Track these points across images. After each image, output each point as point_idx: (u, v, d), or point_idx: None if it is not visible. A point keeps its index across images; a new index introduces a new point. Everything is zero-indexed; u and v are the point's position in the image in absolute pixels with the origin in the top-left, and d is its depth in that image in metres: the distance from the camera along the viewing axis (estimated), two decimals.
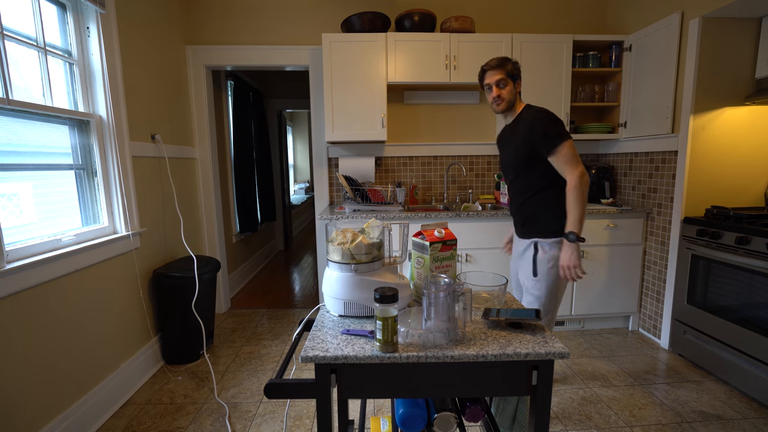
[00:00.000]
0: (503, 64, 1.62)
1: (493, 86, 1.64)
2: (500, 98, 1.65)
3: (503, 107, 1.66)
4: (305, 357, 0.79)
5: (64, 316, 1.66)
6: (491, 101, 1.68)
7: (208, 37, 2.89)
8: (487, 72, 1.65)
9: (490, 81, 1.65)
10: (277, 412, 1.90)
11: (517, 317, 0.87)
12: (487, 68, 1.66)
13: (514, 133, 1.66)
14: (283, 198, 5.37)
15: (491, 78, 1.64)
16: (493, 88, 1.65)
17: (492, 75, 1.64)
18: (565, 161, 1.54)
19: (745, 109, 2.24)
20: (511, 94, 1.64)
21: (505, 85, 1.63)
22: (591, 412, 1.87)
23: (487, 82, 1.67)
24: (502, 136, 1.79)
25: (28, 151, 1.63)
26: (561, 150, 1.53)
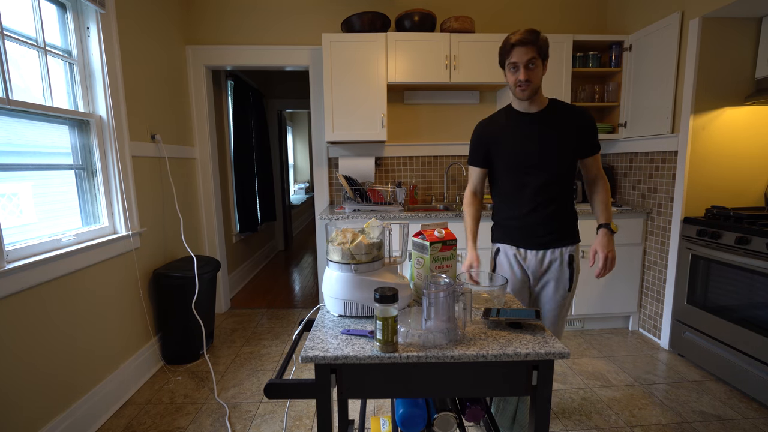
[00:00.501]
0: (536, 38, 1.31)
1: (522, 66, 1.33)
2: (528, 82, 1.35)
3: (530, 93, 1.37)
4: (305, 357, 0.79)
5: (64, 316, 1.66)
6: (515, 84, 1.38)
7: (208, 37, 2.89)
8: (516, 48, 1.32)
9: (518, 59, 1.33)
10: (277, 412, 1.90)
11: (518, 317, 0.87)
12: (516, 43, 1.32)
13: (556, 123, 1.42)
14: (283, 198, 5.37)
15: (521, 56, 1.32)
16: (521, 68, 1.33)
17: (523, 52, 1.31)
18: (600, 164, 1.50)
19: (745, 109, 2.24)
20: (539, 78, 1.37)
21: (535, 66, 1.34)
22: (591, 412, 1.87)
23: (513, 60, 1.34)
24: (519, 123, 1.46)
25: (28, 151, 1.63)
26: (599, 153, 1.49)
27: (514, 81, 1.37)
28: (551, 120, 1.42)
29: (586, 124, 1.42)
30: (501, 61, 1.41)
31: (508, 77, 1.41)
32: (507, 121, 1.49)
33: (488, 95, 3.03)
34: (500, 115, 1.53)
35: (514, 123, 1.47)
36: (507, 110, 1.51)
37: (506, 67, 1.39)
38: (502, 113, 1.52)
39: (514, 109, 1.48)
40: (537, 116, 1.44)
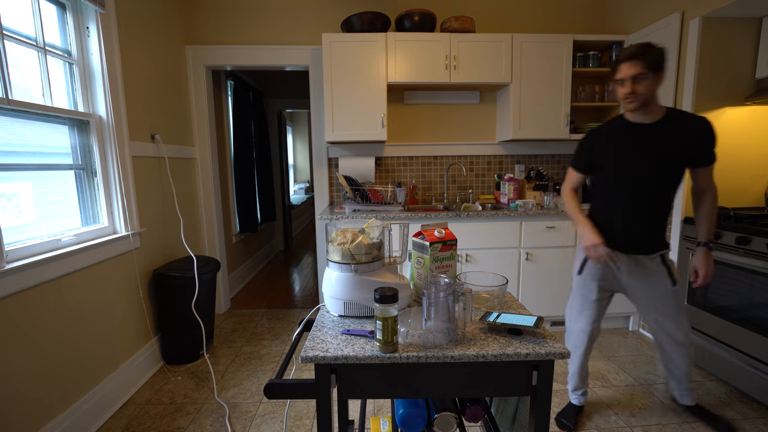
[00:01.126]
0: (642, 54, 1.36)
1: (627, 81, 1.40)
2: (634, 95, 1.41)
3: (636, 106, 1.43)
4: (305, 357, 0.79)
5: (64, 316, 1.66)
6: (622, 98, 1.46)
7: (207, 37, 2.89)
8: (622, 65, 1.40)
9: (624, 75, 1.41)
10: (277, 412, 1.90)
11: (518, 324, 0.86)
12: (622, 59, 1.40)
13: (671, 134, 1.45)
14: (283, 198, 5.37)
15: (626, 71, 1.39)
16: (627, 83, 1.40)
17: (628, 68, 1.39)
18: (713, 176, 1.50)
19: (745, 109, 2.24)
20: (649, 91, 1.40)
21: (643, 80, 1.38)
22: (591, 412, 1.87)
23: (620, 77, 1.43)
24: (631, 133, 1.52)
25: (28, 151, 1.63)
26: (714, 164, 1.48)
27: (621, 95, 1.44)
28: (665, 129, 1.46)
29: (702, 135, 1.44)
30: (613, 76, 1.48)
31: (617, 94, 1.48)
32: (620, 130, 1.55)
33: (488, 95, 3.03)
34: (613, 123, 1.60)
35: (627, 132, 1.52)
36: (622, 119, 1.57)
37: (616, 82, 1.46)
38: (616, 122, 1.59)
39: (628, 119, 1.54)
40: (653, 127, 1.48)
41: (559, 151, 3.11)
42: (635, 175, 1.50)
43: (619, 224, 1.58)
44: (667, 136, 1.45)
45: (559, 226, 2.56)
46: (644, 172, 1.49)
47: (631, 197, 1.54)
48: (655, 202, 1.52)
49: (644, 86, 1.39)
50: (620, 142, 1.53)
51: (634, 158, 1.50)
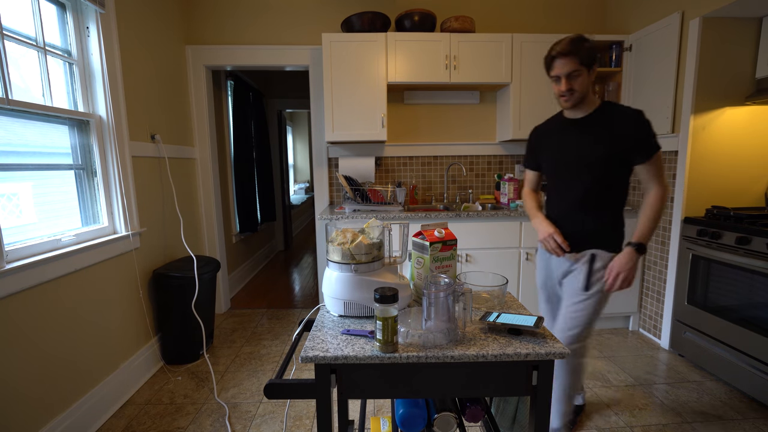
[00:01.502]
0: (576, 49, 1.32)
1: (563, 78, 1.36)
2: (571, 92, 1.37)
3: (573, 102, 1.40)
4: (305, 357, 0.79)
5: (64, 316, 1.66)
6: (559, 95, 1.41)
7: (208, 37, 2.89)
8: (556, 60, 1.35)
9: (559, 72, 1.36)
10: (277, 413, 1.90)
11: (517, 324, 0.86)
12: (556, 55, 1.35)
13: (595, 129, 1.41)
14: (283, 198, 5.37)
15: (561, 68, 1.35)
16: (563, 80, 1.36)
17: (562, 65, 1.34)
18: (658, 170, 1.39)
19: (745, 109, 2.24)
20: (584, 86, 1.37)
21: (578, 76, 1.35)
22: (591, 412, 1.87)
23: (554, 74, 1.38)
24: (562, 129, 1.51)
25: (28, 151, 1.63)
26: (658, 157, 1.37)
27: (558, 92, 1.41)
28: (595, 123, 1.42)
29: (631, 128, 1.36)
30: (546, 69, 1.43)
31: (553, 87, 1.44)
32: (554, 126, 1.55)
33: (488, 95, 3.03)
34: (552, 120, 1.59)
35: (558, 129, 1.52)
36: (559, 115, 1.57)
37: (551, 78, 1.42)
38: (554, 118, 1.59)
39: (562, 115, 1.53)
40: (584, 120, 1.45)
41: None
42: (568, 172, 1.48)
43: (560, 221, 1.55)
44: (598, 130, 1.41)
45: None
46: (576, 167, 1.45)
47: (566, 194, 1.51)
48: (590, 199, 1.45)
49: (579, 83, 1.36)
50: (554, 138, 1.53)
51: (565, 154, 1.48)
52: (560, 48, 1.33)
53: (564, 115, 1.52)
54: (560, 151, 1.50)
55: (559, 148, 1.50)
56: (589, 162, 1.42)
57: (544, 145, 1.57)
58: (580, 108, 1.44)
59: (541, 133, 1.61)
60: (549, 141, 1.55)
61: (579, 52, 1.32)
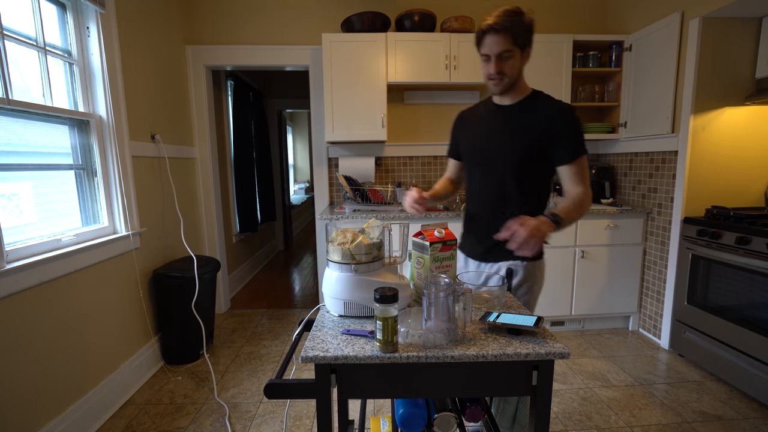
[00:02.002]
0: (511, 25, 1.13)
1: (494, 58, 1.17)
2: (502, 75, 1.19)
3: (503, 87, 1.22)
4: (305, 357, 0.79)
5: (64, 316, 1.66)
6: (488, 77, 1.22)
7: (208, 37, 2.89)
8: (488, 35, 1.15)
9: (489, 51, 1.17)
10: (277, 412, 1.90)
11: (517, 324, 0.86)
12: (487, 29, 1.15)
13: (522, 118, 1.24)
14: (283, 198, 5.37)
15: (491, 47, 1.16)
16: (494, 60, 1.17)
17: (493, 42, 1.15)
18: (583, 173, 1.21)
19: (745, 109, 2.24)
20: (515, 70, 1.20)
21: (509, 58, 1.17)
22: (591, 412, 1.87)
23: (485, 53, 1.18)
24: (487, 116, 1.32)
25: (28, 151, 1.63)
26: (583, 160, 1.21)
27: (487, 73, 1.21)
28: (521, 113, 1.25)
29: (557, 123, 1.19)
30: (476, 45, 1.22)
31: (482, 68, 1.23)
32: (482, 112, 1.35)
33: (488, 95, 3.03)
34: (479, 105, 1.40)
35: (485, 115, 1.33)
36: (486, 101, 1.37)
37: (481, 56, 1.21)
38: (482, 103, 1.39)
39: (491, 100, 1.33)
40: (507, 110, 1.27)
41: None
42: (487, 164, 1.29)
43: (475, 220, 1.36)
44: (524, 120, 1.24)
45: None
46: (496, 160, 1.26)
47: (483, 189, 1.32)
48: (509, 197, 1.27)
49: (510, 65, 1.17)
50: (477, 125, 1.34)
51: (486, 143, 1.29)
52: (493, 21, 1.13)
53: (492, 101, 1.33)
54: (481, 139, 1.31)
55: (481, 135, 1.31)
56: (511, 154, 1.24)
57: (466, 131, 1.38)
58: (509, 94, 1.26)
59: (464, 118, 1.42)
60: (471, 127, 1.36)
61: (513, 29, 1.13)
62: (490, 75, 1.20)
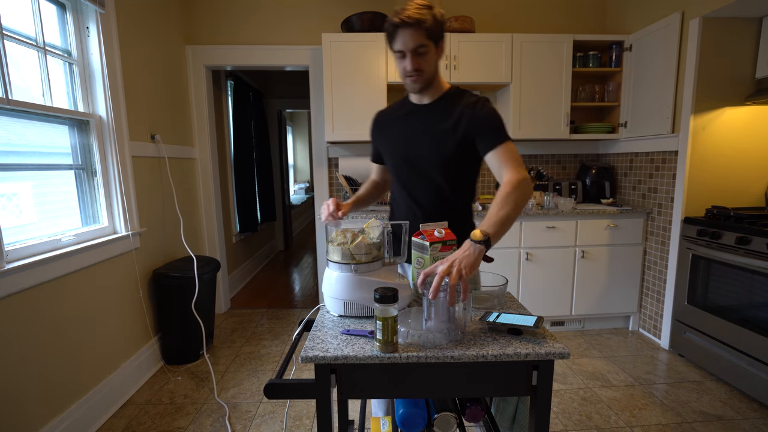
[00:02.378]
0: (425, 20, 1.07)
1: (410, 54, 1.10)
2: (420, 71, 1.13)
3: (423, 84, 1.16)
4: (305, 357, 0.79)
5: (64, 316, 1.65)
6: (404, 75, 1.15)
7: (208, 37, 2.89)
8: (400, 30, 1.08)
9: (404, 47, 1.10)
10: (277, 412, 1.90)
11: (518, 324, 0.86)
12: (400, 24, 1.07)
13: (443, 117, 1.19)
14: (283, 198, 5.37)
15: (407, 41, 1.08)
16: (409, 57, 1.11)
17: (408, 37, 1.08)
18: (511, 157, 1.11)
19: (745, 109, 2.24)
20: (432, 65, 1.15)
21: (425, 53, 1.11)
22: (591, 412, 1.87)
23: (399, 48, 1.11)
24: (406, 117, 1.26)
25: (28, 151, 1.63)
26: (508, 145, 1.12)
27: (403, 70, 1.15)
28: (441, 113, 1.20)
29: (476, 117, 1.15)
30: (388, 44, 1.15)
31: (396, 63, 1.17)
32: (399, 112, 1.29)
33: (488, 95, 3.03)
34: (396, 106, 1.33)
35: (404, 117, 1.27)
36: (405, 99, 1.31)
37: (394, 53, 1.15)
38: (399, 102, 1.33)
39: (409, 99, 1.28)
40: (427, 109, 1.23)
41: (559, 151, 3.11)
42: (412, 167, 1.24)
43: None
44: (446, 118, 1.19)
45: (559, 226, 2.56)
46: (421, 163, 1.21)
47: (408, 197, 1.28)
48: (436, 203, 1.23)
49: (427, 61, 1.12)
50: (395, 127, 1.28)
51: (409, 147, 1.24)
52: (406, 15, 1.06)
53: (410, 100, 1.27)
54: (405, 142, 1.24)
55: (404, 138, 1.25)
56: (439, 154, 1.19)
57: (385, 134, 1.31)
58: (427, 92, 1.21)
59: (382, 120, 1.34)
60: (391, 130, 1.29)
61: (427, 22, 1.07)
62: (408, 72, 1.14)
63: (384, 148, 1.32)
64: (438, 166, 1.20)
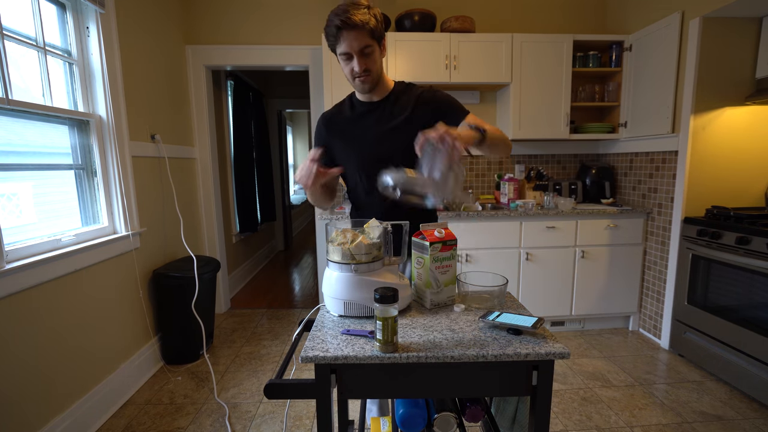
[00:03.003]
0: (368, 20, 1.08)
1: (356, 55, 1.11)
2: (368, 72, 1.15)
3: (372, 84, 1.19)
4: (305, 357, 0.79)
5: (64, 316, 1.65)
6: (352, 76, 1.17)
7: (208, 37, 2.89)
8: (344, 32, 1.08)
9: (350, 48, 1.10)
10: (277, 413, 1.90)
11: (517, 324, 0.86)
12: (342, 26, 1.07)
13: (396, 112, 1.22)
14: (283, 198, 5.37)
15: (351, 44, 1.09)
16: (357, 57, 1.11)
17: (353, 39, 1.09)
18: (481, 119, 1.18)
19: (745, 109, 2.24)
20: (378, 64, 1.17)
21: (371, 53, 1.13)
22: (591, 412, 1.87)
23: (345, 51, 1.11)
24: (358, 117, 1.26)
25: (28, 151, 1.63)
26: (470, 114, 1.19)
27: (350, 72, 1.16)
28: (398, 106, 1.22)
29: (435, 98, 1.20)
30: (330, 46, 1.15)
31: (343, 70, 1.18)
32: (350, 113, 1.29)
33: (488, 95, 3.03)
34: (344, 106, 1.32)
35: (358, 117, 1.27)
36: (351, 99, 1.31)
37: (338, 56, 1.16)
38: (347, 103, 1.32)
39: (357, 99, 1.28)
40: (382, 105, 1.24)
41: (559, 151, 3.11)
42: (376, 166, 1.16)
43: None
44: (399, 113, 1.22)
45: (559, 226, 2.56)
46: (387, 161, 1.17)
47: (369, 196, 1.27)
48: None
49: (373, 60, 1.14)
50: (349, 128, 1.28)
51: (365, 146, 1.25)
52: (347, 17, 1.06)
53: (358, 98, 1.28)
54: (366, 142, 1.25)
55: (363, 138, 1.25)
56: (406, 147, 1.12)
57: (341, 136, 1.29)
58: (377, 90, 1.23)
59: (332, 122, 1.32)
60: (348, 132, 1.28)
61: (370, 23, 1.08)
62: (356, 73, 1.15)
63: (340, 149, 1.30)
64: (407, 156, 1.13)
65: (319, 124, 1.34)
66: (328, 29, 1.11)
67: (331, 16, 1.09)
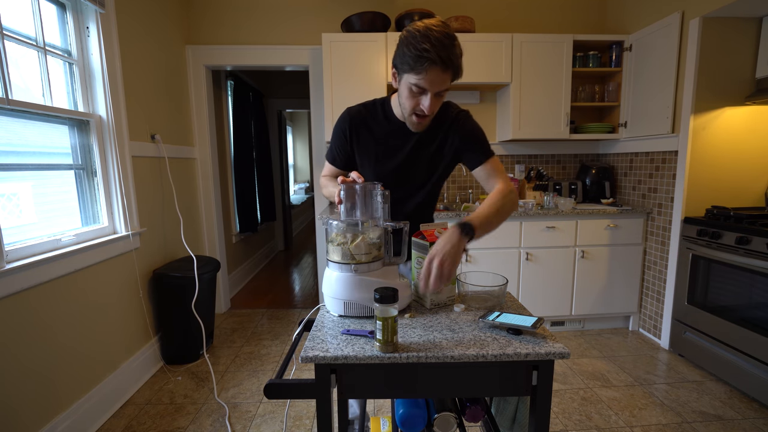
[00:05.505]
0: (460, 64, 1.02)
1: (432, 95, 1.03)
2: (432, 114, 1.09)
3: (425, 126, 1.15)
4: (305, 357, 0.79)
5: (64, 316, 1.65)
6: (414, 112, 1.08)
7: (208, 37, 2.89)
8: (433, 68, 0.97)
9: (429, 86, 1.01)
10: (277, 412, 1.90)
11: (517, 324, 0.86)
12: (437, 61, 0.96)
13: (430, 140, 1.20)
14: (283, 198, 5.37)
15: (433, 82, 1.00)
16: (431, 97, 1.03)
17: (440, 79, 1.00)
18: (498, 169, 1.17)
19: (745, 109, 2.24)
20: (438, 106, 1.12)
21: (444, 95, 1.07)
22: (591, 412, 1.87)
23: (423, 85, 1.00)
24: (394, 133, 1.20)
25: (28, 151, 1.63)
26: (495, 159, 1.18)
27: (413, 107, 1.07)
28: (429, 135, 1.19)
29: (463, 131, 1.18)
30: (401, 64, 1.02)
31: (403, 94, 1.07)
32: (386, 124, 1.21)
33: (488, 95, 3.03)
34: (377, 112, 1.23)
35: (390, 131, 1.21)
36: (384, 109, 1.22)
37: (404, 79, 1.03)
38: (380, 110, 1.22)
39: (392, 112, 1.20)
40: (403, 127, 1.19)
41: (559, 151, 3.11)
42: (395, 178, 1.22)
43: None
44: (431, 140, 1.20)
45: (559, 226, 2.56)
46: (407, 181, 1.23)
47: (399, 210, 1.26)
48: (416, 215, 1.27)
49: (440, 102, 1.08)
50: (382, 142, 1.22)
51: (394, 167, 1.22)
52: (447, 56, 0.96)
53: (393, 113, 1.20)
54: (385, 159, 1.21)
55: (384, 154, 1.21)
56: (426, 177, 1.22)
57: (362, 141, 1.23)
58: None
59: (361, 124, 1.22)
60: (368, 141, 1.22)
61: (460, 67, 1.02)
62: (420, 111, 1.06)
63: (362, 158, 1.25)
64: (426, 182, 1.25)
65: (345, 118, 1.24)
66: (414, 53, 0.96)
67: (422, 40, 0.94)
